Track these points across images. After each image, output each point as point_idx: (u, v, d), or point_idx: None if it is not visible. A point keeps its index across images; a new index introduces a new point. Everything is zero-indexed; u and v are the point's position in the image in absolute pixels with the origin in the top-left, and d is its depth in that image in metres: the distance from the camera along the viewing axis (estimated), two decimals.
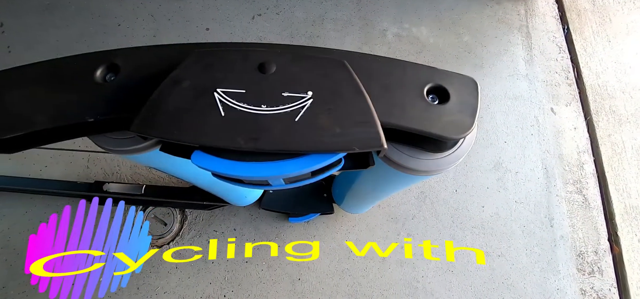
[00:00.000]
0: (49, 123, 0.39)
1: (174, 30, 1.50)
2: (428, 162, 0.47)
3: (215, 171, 0.35)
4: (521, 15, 1.62)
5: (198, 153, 0.34)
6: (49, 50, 1.46)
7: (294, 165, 0.35)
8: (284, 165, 0.35)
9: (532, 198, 1.37)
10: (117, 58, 0.42)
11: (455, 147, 0.48)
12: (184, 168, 0.62)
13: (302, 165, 0.35)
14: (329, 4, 1.57)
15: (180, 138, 0.34)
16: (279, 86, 0.37)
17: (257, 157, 0.35)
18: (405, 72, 0.45)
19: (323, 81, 0.38)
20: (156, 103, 0.36)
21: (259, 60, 0.39)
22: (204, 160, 0.34)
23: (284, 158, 0.35)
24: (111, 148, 0.46)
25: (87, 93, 0.41)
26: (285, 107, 0.36)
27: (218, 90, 0.36)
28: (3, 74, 0.43)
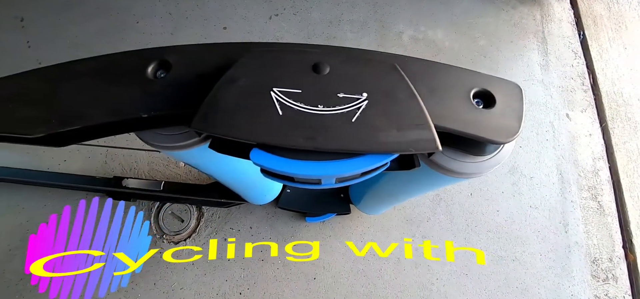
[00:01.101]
0: (103, 117, 0.40)
1: (192, 29, 1.51)
2: (471, 165, 0.47)
3: (274, 170, 0.36)
4: (537, 20, 1.62)
5: (257, 151, 0.35)
6: (68, 46, 1.47)
7: (351, 165, 0.35)
8: (341, 165, 0.35)
9: (546, 203, 1.37)
10: (169, 56, 0.43)
11: (496, 151, 0.49)
12: (217, 165, 0.63)
13: (359, 165, 0.36)
14: (346, 6, 1.57)
15: (239, 135, 0.35)
16: (334, 87, 0.38)
17: (313, 156, 0.36)
18: (451, 76, 0.45)
19: (376, 83, 0.39)
20: (214, 101, 0.36)
21: (313, 61, 0.39)
22: (263, 158, 0.35)
23: (340, 158, 0.35)
24: (158, 143, 0.47)
25: (140, 89, 0.42)
26: (341, 108, 0.37)
27: (274, 89, 0.37)
28: (57, 68, 0.44)
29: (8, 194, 1.28)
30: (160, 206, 1.26)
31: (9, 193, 1.28)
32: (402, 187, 0.71)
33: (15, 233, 1.24)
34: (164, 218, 1.24)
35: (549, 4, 1.66)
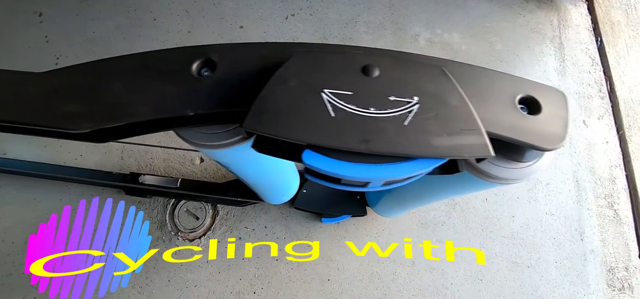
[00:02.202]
0: (150, 114, 0.40)
1: (208, 27, 1.52)
2: (513, 171, 0.47)
3: (327, 172, 0.35)
4: (554, 26, 1.61)
5: (310, 153, 0.35)
6: (86, 41, 1.48)
7: (404, 169, 0.35)
8: (394, 168, 0.35)
9: (562, 210, 1.35)
10: (213, 54, 0.43)
11: (537, 158, 0.48)
12: (247, 164, 0.63)
13: (411, 168, 0.35)
14: (362, 7, 1.57)
15: (292, 136, 0.34)
16: (385, 90, 0.38)
17: (365, 159, 0.35)
18: (496, 81, 0.45)
19: (426, 87, 0.39)
20: (266, 101, 0.36)
21: (362, 63, 0.39)
22: (316, 160, 0.35)
23: (392, 161, 0.35)
24: (198, 141, 0.46)
25: (187, 87, 0.42)
26: (393, 111, 0.36)
27: (325, 91, 0.37)
28: (100, 63, 0.44)
29: (25, 187, 1.29)
30: (176, 203, 1.26)
31: (26, 186, 1.29)
32: (430, 191, 0.70)
33: (31, 225, 1.24)
34: (179, 216, 1.24)
35: (566, 10, 1.65)
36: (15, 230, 1.25)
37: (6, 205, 1.27)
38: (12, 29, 1.51)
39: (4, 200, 1.28)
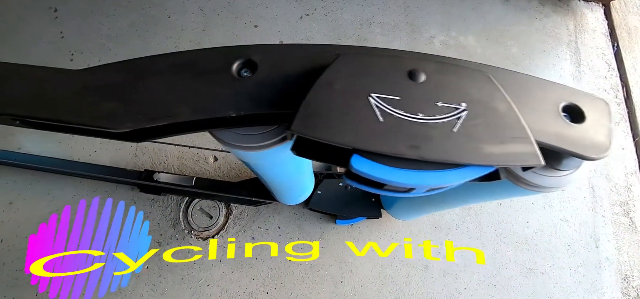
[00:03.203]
0: (192, 115, 0.40)
1: (223, 25, 1.51)
2: (553, 179, 0.46)
3: (376, 177, 0.35)
4: (570, 30, 1.59)
5: (358, 158, 0.34)
6: (101, 37, 1.48)
7: (454, 176, 0.34)
8: (444, 175, 0.34)
9: (577, 217, 1.34)
10: (254, 55, 0.42)
11: (576, 166, 0.48)
12: (275, 166, 0.62)
13: (461, 176, 0.35)
14: (377, 8, 1.56)
15: (341, 140, 0.34)
16: (433, 95, 0.37)
17: (413, 165, 0.35)
18: (540, 89, 0.44)
19: (473, 93, 0.38)
20: (313, 104, 0.35)
21: (408, 67, 0.38)
22: (365, 165, 0.34)
23: (441, 168, 0.35)
24: (235, 143, 0.46)
25: (228, 88, 0.41)
26: (442, 117, 0.36)
27: (372, 95, 0.36)
28: (139, 62, 0.43)
29: (39, 182, 1.29)
30: (189, 201, 1.26)
31: (41, 181, 1.29)
32: (459, 198, 0.70)
33: (46, 221, 1.25)
34: (192, 214, 1.24)
35: (582, 14, 1.63)
36: (29, 224, 1.25)
37: (20, 200, 1.28)
38: (27, 24, 1.51)
39: (19, 195, 1.28)
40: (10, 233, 1.24)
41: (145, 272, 1.19)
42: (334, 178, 1.18)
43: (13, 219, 1.26)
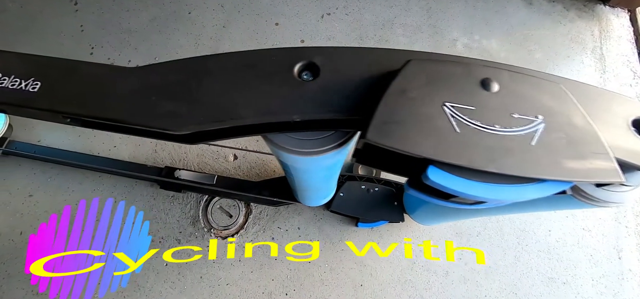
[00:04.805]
0: (255, 118, 0.38)
1: (243, 23, 1.50)
2: (618, 195, 0.45)
3: (453, 190, 0.34)
4: (595, 36, 1.57)
5: (435, 170, 0.33)
6: (121, 31, 1.47)
7: (533, 190, 0.33)
8: (523, 190, 0.33)
9: (600, 227, 1.32)
10: (316, 57, 0.41)
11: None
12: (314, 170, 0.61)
13: (540, 190, 0.33)
14: (399, 9, 1.55)
15: (419, 151, 0.33)
16: (508, 106, 0.36)
17: (486, 178, 0.34)
18: (609, 101, 0.43)
19: (549, 105, 0.37)
20: (387, 112, 0.34)
21: (480, 76, 0.37)
22: (442, 177, 0.33)
23: (520, 182, 0.33)
24: (289, 147, 0.45)
25: (291, 91, 0.40)
26: (519, 129, 0.34)
27: (447, 104, 0.35)
28: (197, 60, 0.42)
29: (58, 175, 1.29)
30: (209, 200, 1.25)
31: (60, 174, 1.29)
32: (507, 208, 0.68)
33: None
34: (212, 212, 1.24)
35: (607, 20, 1.60)
36: (48, 217, 1.25)
37: (40, 193, 1.28)
38: (48, 17, 1.51)
39: (38, 188, 1.28)
40: (30, 226, 1.24)
41: (164, 269, 1.18)
42: (356, 180, 1.17)
43: (33, 212, 1.26)
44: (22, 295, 1.16)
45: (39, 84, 0.42)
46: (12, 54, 0.46)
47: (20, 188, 1.28)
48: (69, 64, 0.45)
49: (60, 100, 0.42)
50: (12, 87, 0.43)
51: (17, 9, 1.54)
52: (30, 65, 0.45)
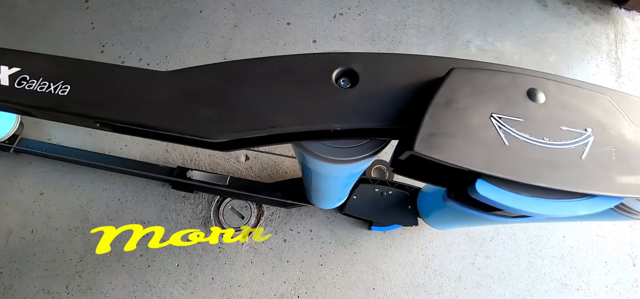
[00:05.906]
0: (294, 126, 0.37)
1: (255, 22, 1.49)
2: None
3: (501, 204, 0.33)
4: (610, 40, 1.55)
5: (484, 183, 0.32)
6: (132, 29, 1.47)
7: (585, 206, 0.32)
8: (575, 205, 0.32)
9: (614, 234, 1.31)
10: (355, 64, 0.40)
11: None
12: (337, 176, 0.60)
13: (591, 206, 0.32)
14: (412, 10, 1.53)
15: (469, 165, 0.32)
16: (555, 118, 0.35)
17: (535, 192, 0.33)
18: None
19: (596, 117, 0.36)
20: (434, 124, 0.33)
21: (526, 86, 0.36)
22: (491, 191, 0.32)
23: (569, 197, 0.32)
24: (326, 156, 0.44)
25: (329, 99, 0.39)
26: (568, 143, 0.33)
27: (494, 115, 0.34)
28: (233, 65, 0.41)
29: (69, 174, 1.29)
30: (221, 200, 1.25)
31: (71, 173, 1.29)
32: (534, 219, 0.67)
33: (75, 213, 1.25)
34: (224, 213, 1.23)
35: (623, 23, 1.58)
36: (59, 216, 1.25)
37: (51, 191, 1.27)
38: (59, 15, 1.51)
39: (50, 186, 1.28)
40: (41, 224, 1.24)
41: (175, 270, 1.18)
42: (370, 183, 1.16)
43: (44, 210, 1.25)
44: (33, 293, 1.16)
45: (68, 88, 0.41)
46: (40, 56, 0.45)
47: (31, 186, 1.28)
48: (98, 67, 0.44)
49: (90, 105, 0.41)
50: (40, 90, 0.42)
51: (27, 5, 1.53)
52: (59, 67, 0.44)
